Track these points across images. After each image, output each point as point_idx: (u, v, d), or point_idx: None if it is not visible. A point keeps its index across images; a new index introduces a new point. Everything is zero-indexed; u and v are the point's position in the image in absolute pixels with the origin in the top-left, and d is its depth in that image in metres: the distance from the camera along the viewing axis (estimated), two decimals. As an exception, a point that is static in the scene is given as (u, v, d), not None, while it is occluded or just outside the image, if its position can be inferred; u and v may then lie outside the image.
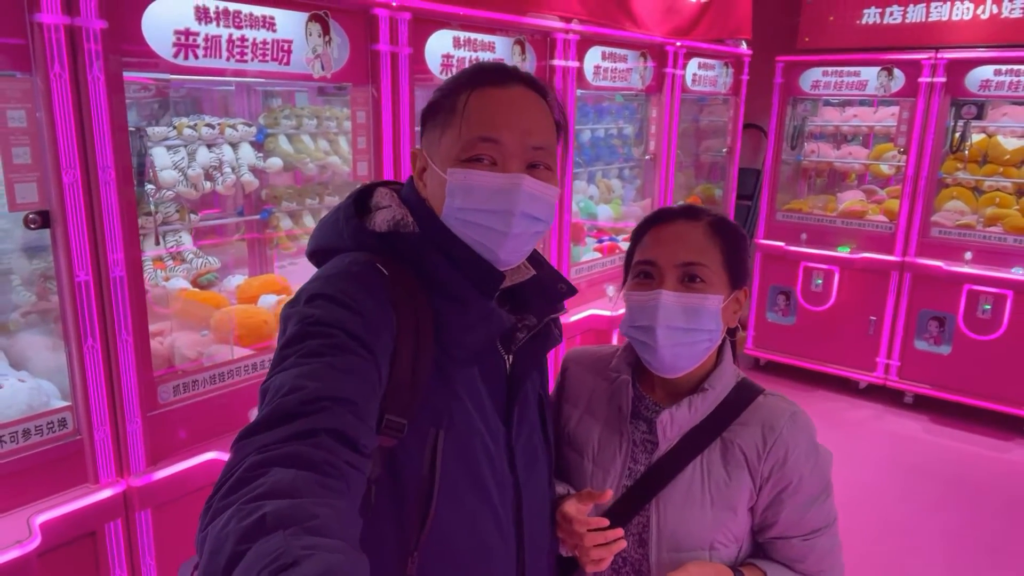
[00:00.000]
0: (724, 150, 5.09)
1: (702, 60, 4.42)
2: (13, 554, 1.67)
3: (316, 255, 1.14)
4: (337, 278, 1.02)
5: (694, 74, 4.37)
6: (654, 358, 1.23)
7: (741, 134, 5.07)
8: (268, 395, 0.88)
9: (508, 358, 1.14)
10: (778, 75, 5.13)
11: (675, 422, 1.23)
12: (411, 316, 1.02)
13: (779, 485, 1.21)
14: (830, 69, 4.98)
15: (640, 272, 1.24)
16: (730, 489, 1.21)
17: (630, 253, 1.30)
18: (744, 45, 4.76)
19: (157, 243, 2.55)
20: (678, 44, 4.07)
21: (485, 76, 1.08)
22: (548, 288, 1.18)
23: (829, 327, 5.02)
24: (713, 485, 1.21)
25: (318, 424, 0.83)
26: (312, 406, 0.85)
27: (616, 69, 3.73)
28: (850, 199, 5.14)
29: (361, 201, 1.14)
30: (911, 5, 4.81)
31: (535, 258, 1.20)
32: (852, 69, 4.90)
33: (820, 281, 5.00)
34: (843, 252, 4.88)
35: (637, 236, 1.29)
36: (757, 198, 5.50)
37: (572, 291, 1.20)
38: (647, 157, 4.35)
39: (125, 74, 1.86)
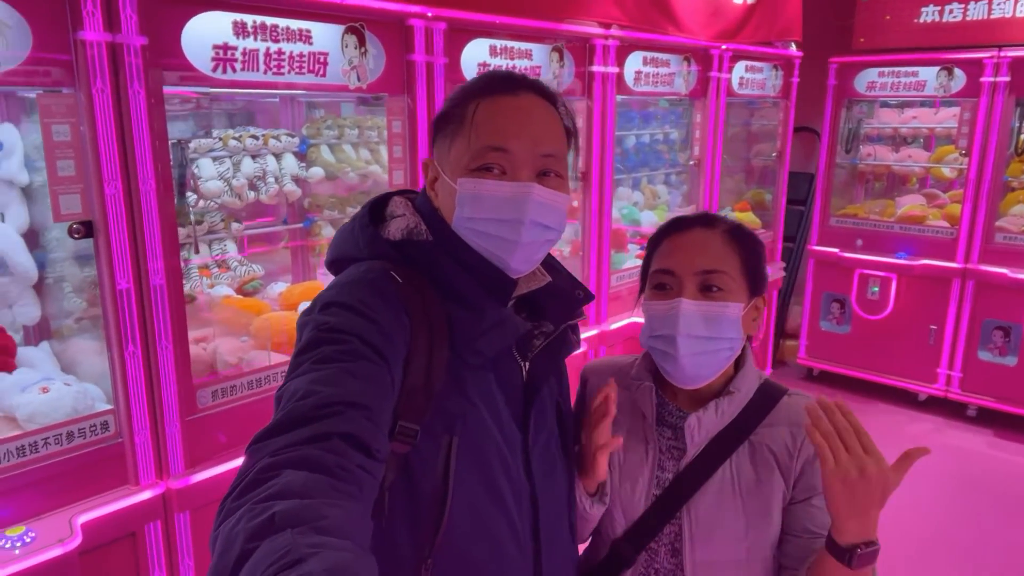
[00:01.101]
0: (774, 154, 4.97)
1: (749, 63, 4.32)
2: (55, 552, 1.73)
3: (334, 264, 1.15)
4: (352, 286, 1.03)
5: (741, 77, 4.29)
6: (675, 368, 1.21)
7: (792, 137, 4.95)
8: (283, 400, 0.90)
9: (525, 365, 1.13)
10: (832, 77, 4.99)
11: (703, 426, 1.21)
12: (425, 323, 1.02)
13: (812, 481, 1.18)
14: (886, 70, 4.83)
15: (658, 282, 1.23)
16: (762, 491, 1.19)
17: (646, 262, 1.28)
18: (793, 47, 4.64)
19: (197, 251, 2.62)
20: (723, 47, 3.99)
21: (494, 85, 1.08)
22: (565, 295, 1.17)
23: (886, 336, 4.84)
24: (744, 488, 1.19)
25: (332, 428, 0.84)
26: (326, 410, 0.85)
27: (658, 74, 3.68)
28: (909, 203, 4.96)
29: (376, 210, 1.15)
30: (972, 3, 4.61)
31: (551, 264, 1.20)
32: (910, 69, 4.74)
33: (876, 289, 4.83)
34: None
35: (653, 245, 1.27)
36: (810, 203, 5.35)
37: (590, 297, 1.19)
38: (691, 163, 4.28)
39: (165, 88, 1.92)
